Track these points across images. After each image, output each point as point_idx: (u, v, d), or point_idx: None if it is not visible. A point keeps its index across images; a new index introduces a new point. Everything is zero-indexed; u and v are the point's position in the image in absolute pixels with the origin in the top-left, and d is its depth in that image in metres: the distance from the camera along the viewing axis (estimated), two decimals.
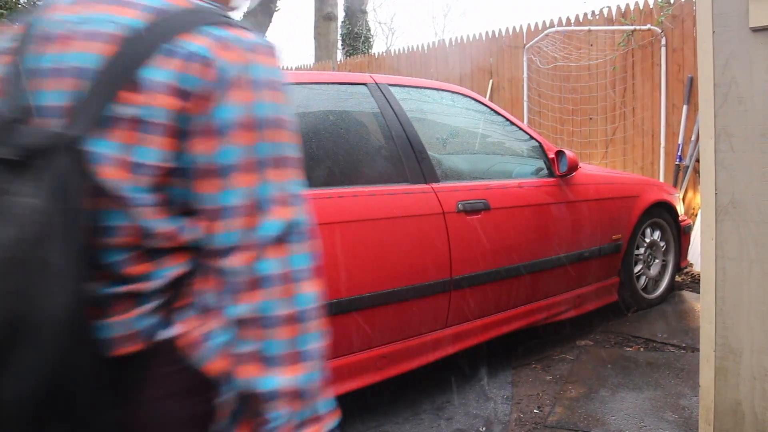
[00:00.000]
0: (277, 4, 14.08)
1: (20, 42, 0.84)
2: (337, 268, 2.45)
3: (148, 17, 0.79)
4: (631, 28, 6.24)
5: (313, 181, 2.52)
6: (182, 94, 0.77)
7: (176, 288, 0.82)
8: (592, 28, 6.59)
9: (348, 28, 13.91)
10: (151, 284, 0.80)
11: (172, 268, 0.81)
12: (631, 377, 3.05)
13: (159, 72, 0.76)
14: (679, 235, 4.25)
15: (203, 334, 0.82)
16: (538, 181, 3.35)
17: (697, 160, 5.60)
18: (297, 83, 2.76)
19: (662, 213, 4.11)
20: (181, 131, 0.77)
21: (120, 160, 0.77)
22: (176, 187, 0.80)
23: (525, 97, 7.20)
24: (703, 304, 2.07)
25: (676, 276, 4.51)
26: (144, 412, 0.81)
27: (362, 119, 2.89)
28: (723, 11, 1.93)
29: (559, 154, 3.39)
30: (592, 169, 4.01)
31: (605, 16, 6.61)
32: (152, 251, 0.80)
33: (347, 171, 2.68)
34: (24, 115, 0.77)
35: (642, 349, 3.43)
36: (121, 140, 0.76)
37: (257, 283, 0.78)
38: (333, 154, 2.69)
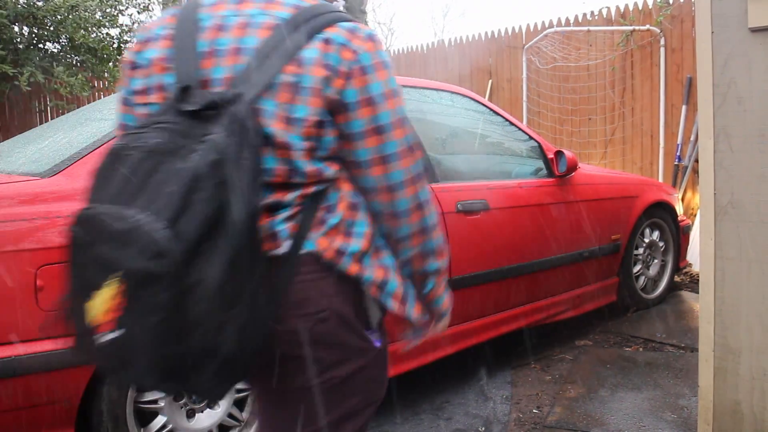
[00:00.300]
0: None
1: (181, 30, 1.13)
2: None
3: (291, 10, 1.10)
4: (630, 28, 6.25)
5: None
6: (327, 67, 1.06)
7: (312, 209, 1.11)
8: (591, 28, 6.59)
9: None
10: (289, 205, 1.10)
11: (308, 193, 1.10)
12: (630, 377, 3.05)
13: (311, 51, 1.06)
14: (678, 235, 4.25)
15: (340, 246, 1.11)
16: (537, 182, 3.35)
17: (696, 161, 5.60)
18: None
19: (661, 213, 4.11)
20: (324, 95, 1.06)
21: (281, 115, 1.04)
22: (326, 137, 1.09)
23: (524, 98, 7.20)
24: (702, 304, 2.07)
25: (675, 276, 4.51)
26: (294, 306, 1.09)
27: None
28: (722, 11, 1.93)
29: (559, 154, 3.39)
30: (591, 169, 4.01)
31: (604, 16, 6.61)
32: (295, 184, 1.09)
33: None
34: (200, 84, 1.07)
35: (641, 349, 3.43)
36: (282, 100, 1.05)
37: (421, 205, 1.17)
38: None
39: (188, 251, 0.93)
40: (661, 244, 4.17)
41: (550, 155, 3.43)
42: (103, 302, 0.96)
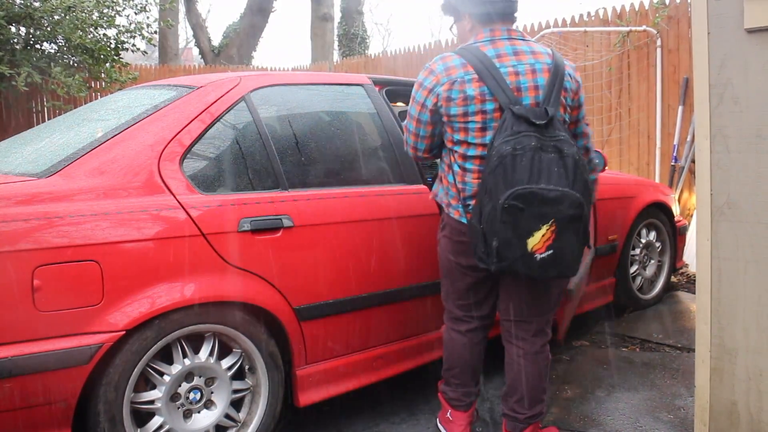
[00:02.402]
0: (274, 5, 14.08)
1: (485, 73, 2.01)
2: (337, 268, 2.45)
3: (550, 57, 2.07)
4: (627, 29, 6.26)
5: (317, 182, 2.53)
6: (572, 93, 2.12)
7: None
8: (588, 29, 6.60)
9: (344, 29, 13.92)
10: None
11: None
12: (627, 378, 3.05)
13: (568, 84, 2.09)
14: (675, 235, 4.26)
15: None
16: None
17: (693, 161, 5.61)
18: (294, 84, 2.76)
19: (658, 214, 4.11)
20: (570, 105, 2.12)
21: (562, 119, 2.03)
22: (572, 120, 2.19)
23: None
24: (698, 305, 2.07)
25: (672, 276, 4.52)
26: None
27: (359, 120, 2.89)
28: (718, 12, 1.94)
29: None
30: None
31: (601, 17, 6.62)
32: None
33: (347, 171, 2.68)
34: (522, 107, 1.98)
35: (638, 350, 3.44)
36: (562, 111, 2.05)
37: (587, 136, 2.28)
38: (333, 155, 2.69)
39: (584, 200, 1.90)
40: (657, 244, 4.18)
41: None
42: (540, 238, 1.88)
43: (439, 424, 2.49)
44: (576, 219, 1.89)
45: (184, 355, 2.15)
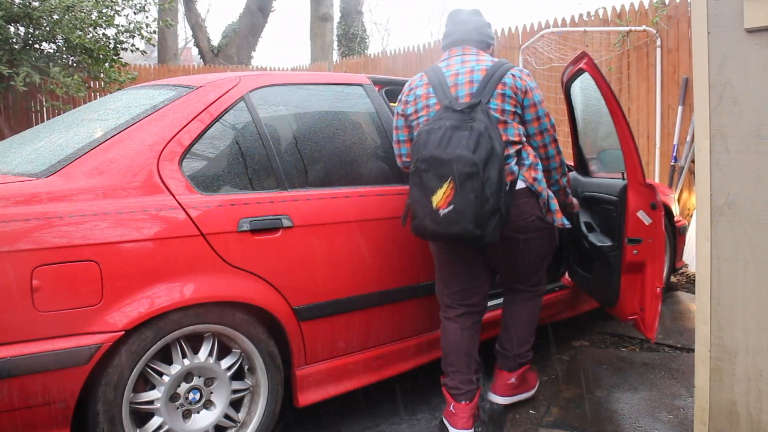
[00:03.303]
0: (273, 5, 14.08)
1: (434, 79, 2.50)
2: (337, 268, 2.45)
3: (492, 62, 2.47)
4: (627, 29, 6.26)
5: (318, 182, 2.52)
6: (514, 88, 2.40)
7: (520, 156, 2.44)
8: (588, 29, 6.60)
9: (344, 28, 13.91)
10: (511, 155, 2.41)
11: (518, 148, 2.44)
12: (627, 378, 3.05)
13: (508, 80, 2.40)
14: (675, 235, 4.26)
15: (534, 177, 2.45)
16: None
17: (693, 161, 5.61)
18: (294, 84, 2.76)
19: None
20: (517, 100, 2.41)
21: (499, 109, 2.38)
22: (520, 118, 2.46)
23: None
24: (698, 305, 2.07)
25: (672, 277, 4.52)
26: (517, 213, 2.40)
27: (359, 120, 2.89)
28: (718, 12, 1.94)
29: None
30: None
31: (600, 17, 6.62)
32: (512, 142, 2.41)
33: (347, 171, 2.68)
34: (454, 99, 2.40)
35: (637, 350, 3.44)
36: (499, 101, 2.38)
37: (548, 145, 2.54)
38: (333, 155, 2.68)
39: (483, 164, 2.17)
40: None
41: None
42: (442, 195, 2.19)
43: (444, 420, 2.51)
44: (471, 176, 2.17)
45: (184, 356, 2.14)
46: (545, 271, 2.74)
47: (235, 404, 2.30)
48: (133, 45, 8.77)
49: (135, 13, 8.73)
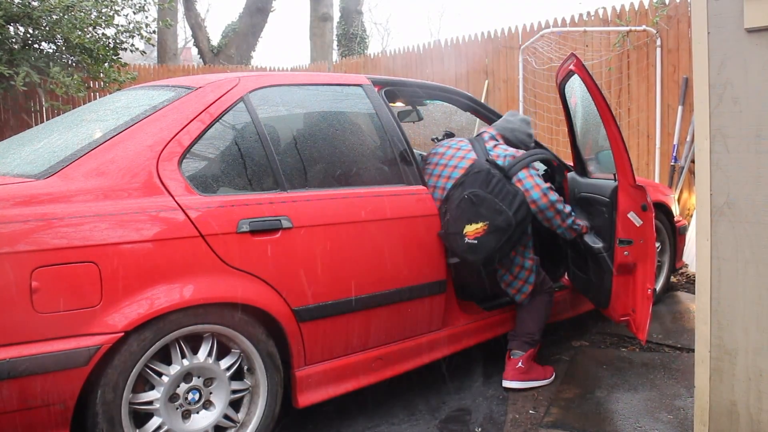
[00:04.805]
0: (273, 5, 14.07)
1: (431, 162, 3.04)
2: (336, 269, 2.45)
3: (474, 157, 2.97)
4: (627, 28, 6.25)
5: (319, 182, 2.52)
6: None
7: None
8: (588, 29, 6.60)
9: (343, 28, 13.89)
10: None
11: None
12: (627, 378, 3.05)
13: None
14: (675, 235, 4.25)
15: None
16: None
17: (693, 161, 5.60)
18: (293, 85, 2.76)
19: (657, 214, 4.10)
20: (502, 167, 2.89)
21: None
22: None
23: (521, 98, 7.21)
24: (698, 305, 2.07)
25: (672, 277, 4.52)
26: None
27: (359, 120, 2.88)
28: (718, 12, 1.94)
29: None
30: None
31: (600, 17, 6.62)
32: None
33: (346, 172, 2.67)
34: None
35: (637, 350, 3.43)
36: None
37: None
38: (333, 156, 2.68)
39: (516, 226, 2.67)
40: (657, 244, 4.17)
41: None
42: (474, 229, 2.64)
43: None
44: (501, 231, 2.65)
45: (183, 356, 2.14)
46: (540, 279, 3.03)
47: (235, 404, 2.29)
48: (132, 45, 8.77)
49: (135, 13, 8.73)
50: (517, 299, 2.99)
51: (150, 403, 2.08)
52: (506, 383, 2.94)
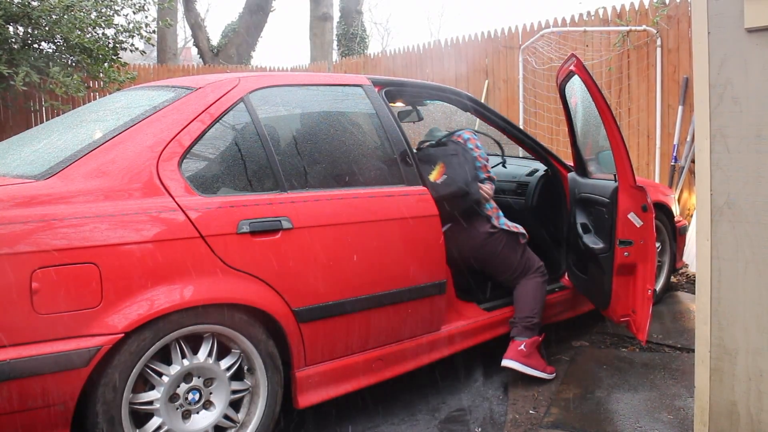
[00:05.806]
0: (273, 5, 14.06)
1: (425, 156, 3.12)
2: (337, 270, 2.44)
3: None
4: (627, 28, 6.25)
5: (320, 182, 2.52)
6: None
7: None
8: (588, 28, 6.60)
9: (343, 28, 13.89)
10: None
11: None
12: (627, 378, 3.05)
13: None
14: (675, 236, 4.25)
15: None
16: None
17: (693, 161, 5.60)
18: (293, 85, 2.76)
19: (657, 214, 4.10)
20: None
21: None
22: None
23: (521, 98, 7.21)
24: (698, 305, 2.07)
25: (672, 277, 4.52)
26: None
27: (359, 121, 2.88)
28: (718, 12, 1.94)
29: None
30: None
31: (600, 16, 6.62)
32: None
33: (346, 173, 2.67)
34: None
35: (637, 350, 3.43)
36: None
37: None
38: (333, 157, 2.68)
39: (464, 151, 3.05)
40: (657, 245, 4.17)
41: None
42: (436, 171, 2.93)
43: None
44: (455, 157, 2.96)
45: (183, 356, 2.14)
46: (525, 259, 3.13)
47: (235, 405, 2.29)
48: (132, 45, 8.77)
49: (134, 13, 8.73)
50: (501, 224, 3.10)
51: (150, 403, 2.08)
52: (505, 362, 2.93)
